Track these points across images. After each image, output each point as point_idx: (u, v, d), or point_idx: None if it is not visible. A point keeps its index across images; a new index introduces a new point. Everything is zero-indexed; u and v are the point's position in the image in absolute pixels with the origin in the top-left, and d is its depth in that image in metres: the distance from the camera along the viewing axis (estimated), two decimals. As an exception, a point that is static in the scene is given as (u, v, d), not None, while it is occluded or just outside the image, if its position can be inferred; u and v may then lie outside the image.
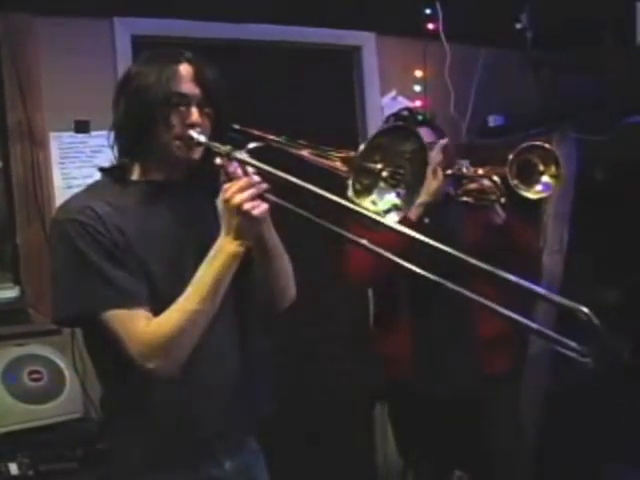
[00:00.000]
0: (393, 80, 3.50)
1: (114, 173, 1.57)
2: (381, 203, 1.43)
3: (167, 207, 1.54)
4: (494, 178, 2.29)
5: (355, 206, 1.36)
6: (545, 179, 2.27)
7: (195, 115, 1.51)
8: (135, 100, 1.51)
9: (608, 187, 3.21)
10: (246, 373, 1.59)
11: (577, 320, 1.14)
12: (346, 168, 1.39)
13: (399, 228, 1.37)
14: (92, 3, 2.83)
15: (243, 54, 3.15)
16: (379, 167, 1.42)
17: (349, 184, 1.37)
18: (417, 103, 3.46)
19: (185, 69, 1.52)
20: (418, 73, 3.51)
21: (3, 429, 2.34)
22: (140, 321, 1.43)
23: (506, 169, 2.24)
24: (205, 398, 1.53)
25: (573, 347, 1.19)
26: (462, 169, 2.36)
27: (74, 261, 1.44)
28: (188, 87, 1.51)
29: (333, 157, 1.44)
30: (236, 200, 1.40)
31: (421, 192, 1.50)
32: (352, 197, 1.37)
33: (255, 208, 1.41)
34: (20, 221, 2.72)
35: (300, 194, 1.38)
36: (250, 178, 1.43)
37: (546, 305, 2.61)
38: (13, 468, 2.20)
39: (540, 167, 2.27)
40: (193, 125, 1.50)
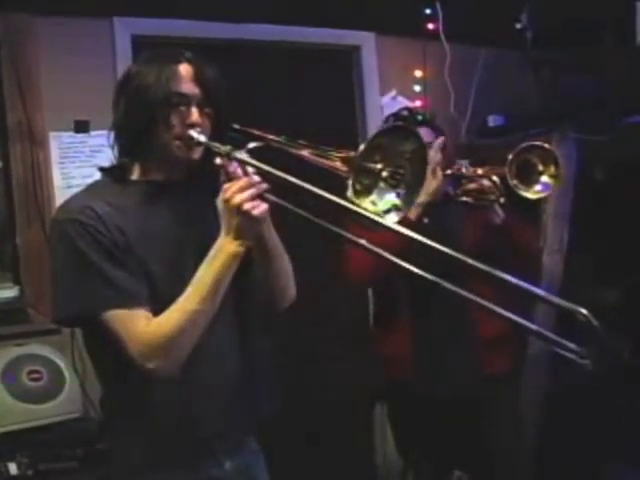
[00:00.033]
0: (393, 80, 3.50)
1: (114, 173, 1.57)
2: (381, 203, 1.42)
3: (167, 207, 1.54)
4: (493, 178, 2.29)
5: (354, 206, 1.36)
6: (544, 179, 2.27)
7: (195, 115, 1.51)
8: (135, 100, 1.51)
9: (608, 187, 3.21)
10: (246, 373, 1.59)
11: (576, 321, 1.14)
12: (346, 168, 1.39)
13: (398, 228, 1.37)
14: (92, 3, 2.82)
15: (243, 54, 3.15)
16: (379, 167, 1.42)
17: (349, 184, 1.37)
18: (417, 103, 3.46)
19: (185, 69, 1.52)
20: (418, 73, 3.51)
21: (2, 429, 2.34)
22: (140, 321, 1.43)
23: (505, 169, 2.23)
24: (205, 398, 1.52)
25: (572, 349, 1.19)
26: (461, 169, 2.36)
27: (74, 261, 1.44)
28: (188, 87, 1.51)
29: (333, 157, 1.44)
30: (236, 200, 1.40)
31: (420, 192, 1.50)
32: (352, 197, 1.37)
33: (255, 208, 1.41)
34: (20, 221, 2.72)
35: (300, 194, 1.38)
36: (250, 178, 1.43)
37: (546, 306, 2.60)
38: (12, 468, 2.19)
39: (539, 167, 2.27)
40: (193, 125, 1.51)
